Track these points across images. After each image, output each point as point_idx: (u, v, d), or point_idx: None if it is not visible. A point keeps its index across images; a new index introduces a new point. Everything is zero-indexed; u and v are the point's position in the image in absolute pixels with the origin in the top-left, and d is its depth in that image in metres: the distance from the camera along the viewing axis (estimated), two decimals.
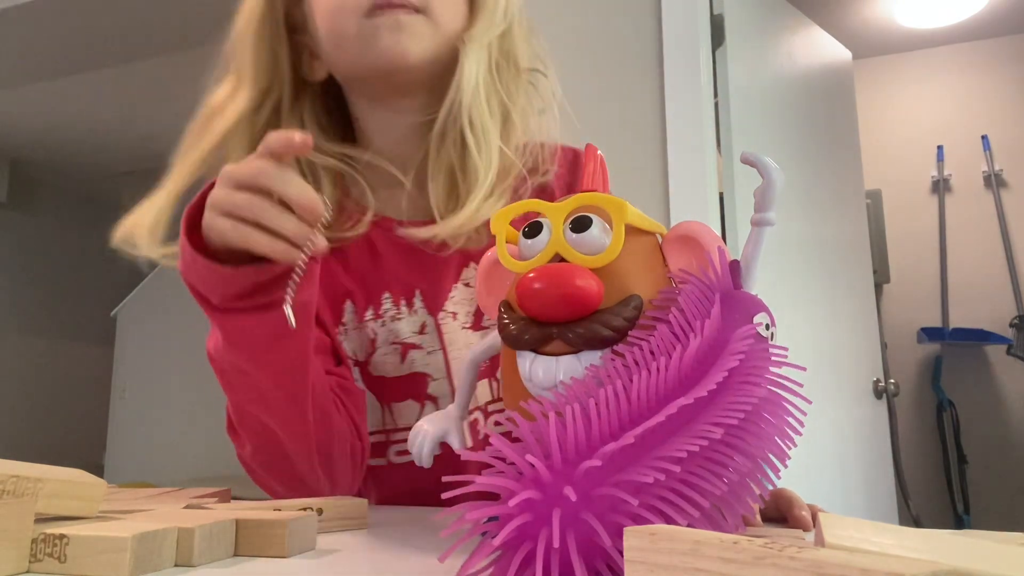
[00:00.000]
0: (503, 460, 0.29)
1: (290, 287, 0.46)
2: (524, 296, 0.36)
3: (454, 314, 0.65)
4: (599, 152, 0.42)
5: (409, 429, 0.45)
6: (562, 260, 0.37)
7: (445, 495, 0.28)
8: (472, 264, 0.66)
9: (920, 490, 2.87)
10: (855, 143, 2.33)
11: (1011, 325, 2.86)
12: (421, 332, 0.65)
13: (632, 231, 0.38)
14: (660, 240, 0.40)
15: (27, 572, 0.32)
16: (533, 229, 0.38)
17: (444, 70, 0.62)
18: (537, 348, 0.37)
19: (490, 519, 0.28)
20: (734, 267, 0.36)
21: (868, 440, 2.05)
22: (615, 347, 0.35)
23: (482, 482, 0.28)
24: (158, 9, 2.69)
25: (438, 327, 0.65)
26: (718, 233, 0.57)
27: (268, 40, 0.63)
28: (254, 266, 0.47)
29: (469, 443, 0.47)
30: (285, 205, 0.46)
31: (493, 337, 0.43)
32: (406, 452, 0.59)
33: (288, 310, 0.46)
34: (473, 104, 0.61)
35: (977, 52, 3.10)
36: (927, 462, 2.93)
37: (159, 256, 0.57)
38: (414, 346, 0.65)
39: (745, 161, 0.37)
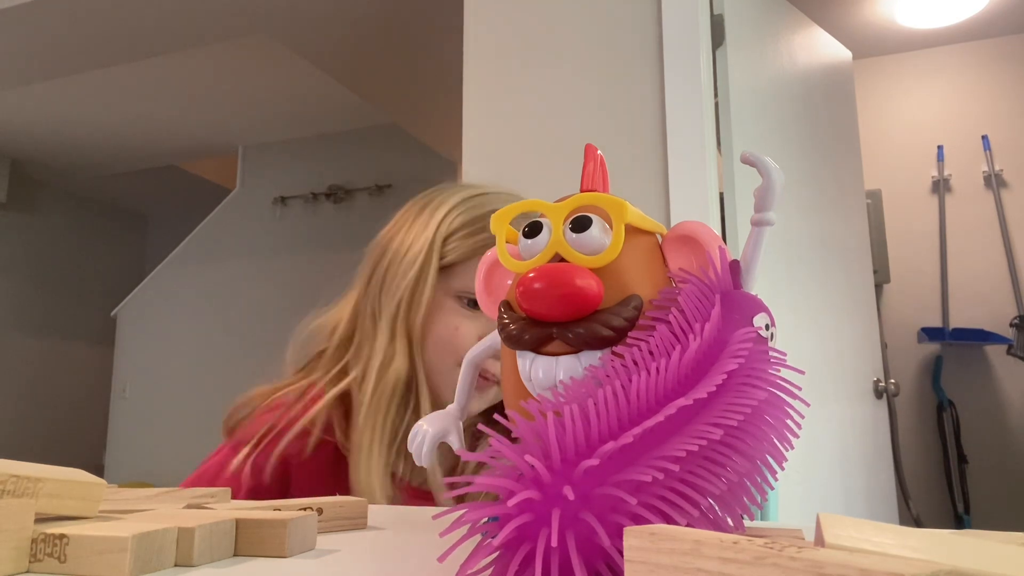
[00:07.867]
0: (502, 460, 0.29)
1: None
2: (524, 296, 0.36)
3: None
4: (599, 152, 0.42)
5: None
6: (562, 260, 0.37)
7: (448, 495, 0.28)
8: None
9: (920, 490, 2.87)
10: (855, 143, 2.33)
11: (1011, 325, 2.86)
12: None
13: (632, 231, 0.37)
14: (660, 240, 0.40)
15: (27, 572, 0.32)
16: (533, 229, 0.38)
17: None
18: (537, 348, 0.36)
19: (490, 519, 0.28)
20: (734, 267, 0.36)
21: (868, 440, 2.05)
22: (615, 347, 0.35)
23: (482, 482, 0.28)
24: (158, 9, 2.69)
25: None
26: (718, 233, 0.57)
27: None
28: None
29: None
30: None
31: (493, 337, 0.43)
32: None
33: None
34: None
35: (977, 52, 3.10)
36: (927, 462, 2.93)
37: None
38: None
39: (745, 161, 0.36)
